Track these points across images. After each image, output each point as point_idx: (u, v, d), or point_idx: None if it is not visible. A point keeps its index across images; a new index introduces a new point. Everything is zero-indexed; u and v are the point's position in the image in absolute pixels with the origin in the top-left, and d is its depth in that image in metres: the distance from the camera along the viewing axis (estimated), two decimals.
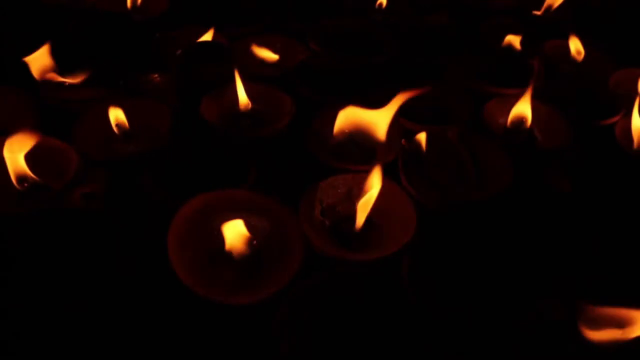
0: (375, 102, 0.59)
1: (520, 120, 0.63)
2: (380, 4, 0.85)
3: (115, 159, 0.58)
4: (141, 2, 0.81)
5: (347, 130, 0.60)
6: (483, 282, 0.49)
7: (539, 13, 0.87)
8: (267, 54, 0.74)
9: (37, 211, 0.51)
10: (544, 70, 0.74)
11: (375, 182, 0.48)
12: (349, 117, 0.59)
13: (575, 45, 0.77)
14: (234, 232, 0.46)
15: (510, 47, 0.78)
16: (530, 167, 0.60)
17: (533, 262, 0.50)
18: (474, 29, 0.83)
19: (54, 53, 0.66)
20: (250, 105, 0.63)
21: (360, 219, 0.50)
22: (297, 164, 0.58)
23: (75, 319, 0.45)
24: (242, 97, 0.62)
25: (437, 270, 0.49)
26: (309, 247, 0.48)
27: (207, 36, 0.70)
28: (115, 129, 0.60)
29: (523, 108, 0.62)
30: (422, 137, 0.57)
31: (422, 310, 0.45)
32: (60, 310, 0.45)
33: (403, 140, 0.56)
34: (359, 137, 0.60)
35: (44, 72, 0.65)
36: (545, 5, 0.86)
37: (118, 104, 0.60)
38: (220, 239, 0.47)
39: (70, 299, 0.46)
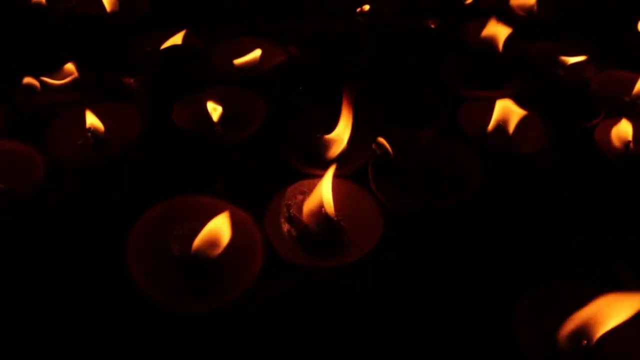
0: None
1: (497, 124, 0.62)
2: (363, 6, 0.84)
3: (85, 164, 0.58)
4: (121, 5, 0.81)
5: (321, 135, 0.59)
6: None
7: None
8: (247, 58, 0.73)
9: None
10: (526, 73, 0.73)
11: (325, 185, 0.48)
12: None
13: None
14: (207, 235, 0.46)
15: (491, 47, 0.77)
16: (507, 171, 0.59)
17: (505, 267, 0.50)
18: (459, 30, 0.83)
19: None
20: (221, 112, 0.62)
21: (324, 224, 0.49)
22: (268, 168, 0.58)
23: (32, 325, 0.44)
24: (215, 103, 0.62)
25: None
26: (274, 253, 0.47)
27: (177, 39, 0.69)
28: (88, 133, 0.59)
29: (500, 112, 0.61)
30: (393, 141, 0.56)
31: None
32: (12, 320, 0.45)
33: (374, 144, 0.55)
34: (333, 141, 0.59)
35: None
36: (529, 5, 0.85)
37: (91, 109, 0.60)
38: (185, 243, 0.47)
39: (24, 306, 0.46)
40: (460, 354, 0.44)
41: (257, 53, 0.71)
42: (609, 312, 0.40)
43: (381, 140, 0.55)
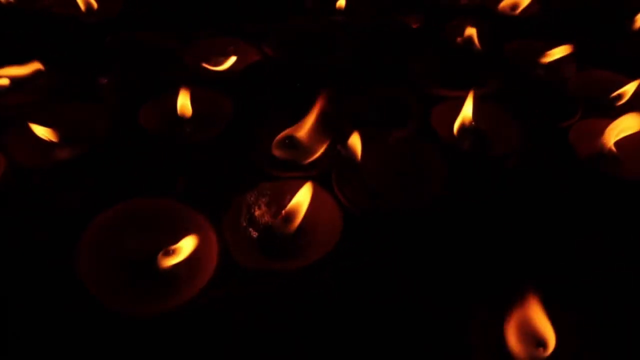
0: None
1: (468, 124, 0.61)
2: (340, 6, 0.83)
3: (46, 165, 0.57)
4: (95, 5, 0.80)
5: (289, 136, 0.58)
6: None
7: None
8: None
9: None
10: (504, 72, 0.71)
11: (303, 192, 0.47)
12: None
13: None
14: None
15: (470, 46, 0.76)
16: (476, 172, 0.58)
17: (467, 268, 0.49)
18: (439, 29, 0.81)
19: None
20: (190, 112, 0.61)
21: (289, 227, 0.49)
22: (233, 170, 0.57)
23: None
24: (182, 104, 0.61)
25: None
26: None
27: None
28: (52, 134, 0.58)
29: (468, 111, 0.60)
30: (359, 142, 0.55)
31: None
32: None
33: (339, 145, 0.54)
34: (301, 143, 0.58)
35: None
36: (511, 3, 0.84)
37: (57, 109, 0.59)
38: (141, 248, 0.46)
39: None
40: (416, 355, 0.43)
41: (231, 60, 0.70)
42: None
43: (347, 141, 0.54)
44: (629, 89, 0.67)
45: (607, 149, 0.59)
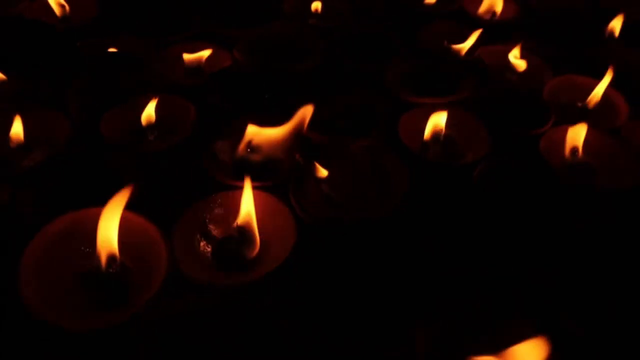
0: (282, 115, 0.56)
1: (437, 133, 0.60)
2: (317, 9, 0.82)
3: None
4: (70, 10, 0.80)
5: (250, 146, 0.57)
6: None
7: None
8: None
9: None
10: (476, 78, 0.70)
11: (245, 200, 0.46)
12: (252, 133, 0.56)
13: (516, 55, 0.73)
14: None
15: (445, 51, 0.75)
16: (441, 182, 0.57)
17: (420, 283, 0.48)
18: (414, 34, 0.80)
19: None
20: (154, 119, 0.61)
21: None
22: (191, 179, 0.56)
23: None
24: (145, 111, 0.60)
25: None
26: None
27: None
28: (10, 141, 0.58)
29: (438, 119, 0.59)
30: (321, 150, 0.54)
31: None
32: None
33: (297, 154, 0.53)
34: (263, 153, 0.57)
35: None
36: (487, 8, 0.83)
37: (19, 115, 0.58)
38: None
39: None
40: None
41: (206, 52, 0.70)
42: None
43: (306, 150, 0.53)
44: (597, 92, 0.66)
45: (575, 158, 0.58)
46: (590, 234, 0.55)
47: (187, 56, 0.70)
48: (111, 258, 0.45)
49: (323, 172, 0.52)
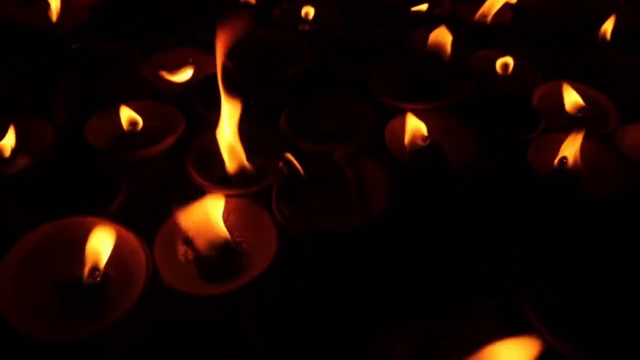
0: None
1: (421, 139, 0.59)
2: (307, 14, 0.82)
3: None
4: (60, 16, 0.80)
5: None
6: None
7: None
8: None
9: None
10: (466, 82, 0.70)
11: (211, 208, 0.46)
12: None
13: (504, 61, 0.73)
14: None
15: (436, 56, 0.74)
16: (435, 188, 0.57)
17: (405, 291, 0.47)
18: (404, 39, 0.80)
19: None
20: (140, 125, 0.60)
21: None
22: (176, 187, 0.55)
23: None
24: (130, 118, 0.60)
25: None
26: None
27: None
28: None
29: (420, 125, 0.59)
30: (304, 158, 0.53)
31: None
32: None
33: (281, 162, 0.53)
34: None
35: None
36: (480, 13, 0.82)
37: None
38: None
39: None
40: None
41: (188, 71, 0.69)
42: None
43: (289, 157, 0.52)
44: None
45: (565, 166, 0.58)
46: (579, 239, 0.54)
47: (166, 75, 0.69)
48: (94, 268, 0.45)
49: (306, 180, 0.52)
